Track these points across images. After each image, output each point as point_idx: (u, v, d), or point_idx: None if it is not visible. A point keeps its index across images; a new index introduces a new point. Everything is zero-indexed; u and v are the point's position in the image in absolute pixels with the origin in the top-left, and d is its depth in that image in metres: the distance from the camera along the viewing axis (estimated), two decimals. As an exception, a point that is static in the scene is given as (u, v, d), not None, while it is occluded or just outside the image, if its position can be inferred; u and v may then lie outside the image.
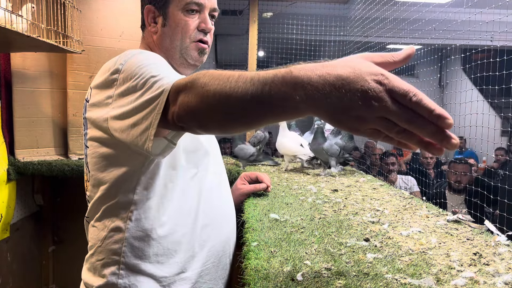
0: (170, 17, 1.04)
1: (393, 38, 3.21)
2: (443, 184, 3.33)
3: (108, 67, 0.93)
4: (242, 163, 2.10)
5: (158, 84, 0.76)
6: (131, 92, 0.82)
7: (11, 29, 1.32)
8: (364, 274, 0.77)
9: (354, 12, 3.32)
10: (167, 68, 0.86)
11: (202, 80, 0.65)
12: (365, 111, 0.51)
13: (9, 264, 2.02)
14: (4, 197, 1.92)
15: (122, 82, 0.86)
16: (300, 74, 0.53)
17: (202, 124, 0.68)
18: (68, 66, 2.19)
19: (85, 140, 0.99)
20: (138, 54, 0.91)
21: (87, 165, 1.00)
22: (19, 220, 2.11)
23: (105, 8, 2.21)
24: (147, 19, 1.07)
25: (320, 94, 0.52)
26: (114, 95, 0.87)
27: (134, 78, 0.82)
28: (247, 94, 0.58)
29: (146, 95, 0.77)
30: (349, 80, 0.51)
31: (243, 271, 0.81)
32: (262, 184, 1.39)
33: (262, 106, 0.58)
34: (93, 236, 0.98)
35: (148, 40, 1.09)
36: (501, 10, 1.70)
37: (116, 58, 0.93)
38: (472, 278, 0.76)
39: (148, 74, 0.80)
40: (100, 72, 0.96)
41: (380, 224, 1.10)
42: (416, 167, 4.08)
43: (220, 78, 0.62)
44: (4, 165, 1.94)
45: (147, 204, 0.95)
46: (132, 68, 0.85)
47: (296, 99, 0.53)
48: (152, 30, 1.07)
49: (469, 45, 2.03)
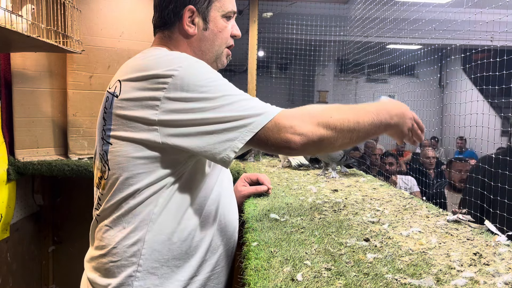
0: (212, 21, 1.03)
1: (393, 38, 3.21)
2: (443, 184, 3.33)
3: (146, 66, 0.90)
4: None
5: (248, 104, 0.87)
6: (200, 101, 0.85)
7: (11, 29, 1.32)
8: (364, 274, 0.77)
9: (354, 12, 3.32)
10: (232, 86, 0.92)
11: (336, 117, 0.90)
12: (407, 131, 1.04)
13: (9, 264, 2.02)
14: (4, 197, 1.92)
15: (179, 88, 0.86)
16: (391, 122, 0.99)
17: (326, 150, 0.94)
18: (68, 66, 2.20)
19: (106, 136, 0.94)
20: (196, 64, 0.90)
21: (105, 162, 0.95)
22: (19, 220, 2.11)
23: (105, 8, 2.21)
24: (186, 20, 1.01)
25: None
26: (162, 98, 0.86)
27: (206, 90, 0.86)
28: (368, 133, 0.94)
29: (230, 109, 0.85)
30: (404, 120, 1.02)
31: (243, 271, 0.81)
32: (263, 187, 1.40)
33: (368, 136, 0.96)
34: (107, 236, 0.95)
35: (178, 40, 1.03)
36: (501, 10, 1.70)
37: (158, 59, 0.91)
38: (472, 278, 0.76)
39: (227, 90, 0.88)
40: (130, 68, 0.93)
41: (380, 224, 1.10)
42: (416, 167, 4.08)
43: (349, 118, 0.91)
44: (4, 165, 1.94)
45: (171, 207, 0.94)
46: (197, 78, 0.87)
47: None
48: (190, 31, 1.02)
49: (469, 45, 2.03)
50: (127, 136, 0.90)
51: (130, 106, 0.89)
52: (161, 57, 0.93)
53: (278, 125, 0.86)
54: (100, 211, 0.97)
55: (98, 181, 1.00)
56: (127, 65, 0.98)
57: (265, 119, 0.86)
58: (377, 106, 0.98)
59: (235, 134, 0.85)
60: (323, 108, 0.92)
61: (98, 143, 0.98)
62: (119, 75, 0.96)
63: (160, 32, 1.05)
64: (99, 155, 0.98)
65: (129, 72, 0.93)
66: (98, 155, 0.99)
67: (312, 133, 0.87)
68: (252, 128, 0.85)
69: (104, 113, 0.95)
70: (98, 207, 0.99)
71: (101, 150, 0.96)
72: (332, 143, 0.90)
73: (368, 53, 3.33)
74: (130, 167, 0.91)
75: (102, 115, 0.96)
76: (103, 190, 0.97)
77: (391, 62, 3.19)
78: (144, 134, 0.88)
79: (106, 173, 0.95)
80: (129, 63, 0.98)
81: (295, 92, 9.61)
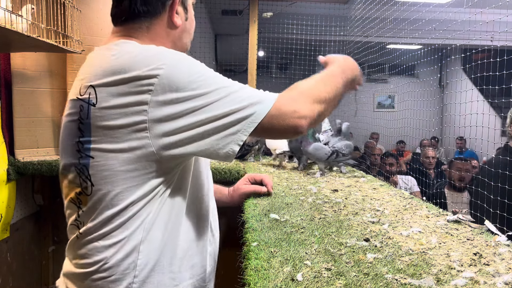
0: (189, 11, 0.98)
1: (393, 38, 3.22)
2: (443, 184, 3.33)
3: (122, 67, 0.81)
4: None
5: (244, 93, 0.84)
6: (193, 100, 0.80)
7: (11, 29, 1.32)
8: (364, 274, 0.77)
9: (354, 12, 3.32)
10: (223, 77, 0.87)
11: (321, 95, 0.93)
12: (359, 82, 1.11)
13: (9, 264, 2.02)
14: (4, 197, 1.92)
15: (167, 89, 0.79)
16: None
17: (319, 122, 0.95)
18: (68, 66, 2.19)
19: (83, 148, 0.84)
20: (179, 58, 0.83)
21: (86, 178, 0.85)
22: (19, 220, 2.11)
23: (105, 8, 2.21)
24: (174, 11, 0.93)
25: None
26: (150, 102, 0.79)
27: (197, 86, 0.81)
28: (343, 92, 1.02)
29: (227, 102, 0.82)
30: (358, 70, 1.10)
31: (243, 271, 0.81)
32: (264, 188, 1.39)
33: (343, 96, 1.03)
34: (94, 252, 0.86)
35: (158, 32, 0.94)
36: (501, 10, 1.70)
37: (134, 58, 0.82)
38: (472, 278, 0.76)
39: (218, 83, 0.83)
40: (101, 70, 0.83)
41: (380, 224, 1.10)
42: (416, 167, 4.08)
43: (327, 88, 0.95)
44: (4, 165, 1.94)
45: (164, 212, 0.89)
46: (185, 75, 0.81)
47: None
48: (178, 23, 0.95)
49: (469, 45, 2.03)
50: (112, 148, 0.82)
51: (112, 115, 0.80)
52: (137, 54, 0.82)
53: (280, 111, 0.85)
54: (85, 229, 0.87)
55: (75, 197, 0.89)
56: (94, 66, 0.87)
57: (266, 107, 0.84)
58: (339, 66, 1.04)
59: (237, 127, 0.83)
60: (310, 84, 0.95)
61: (71, 156, 0.87)
62: (89, 78, 0.85)
63: (131, 23, 0.92)
64: (75, 169, 0.87)
65: (101, 75, 0.83)
66: (73, 168, 0.87)
67: (312, 112, 0.89)
68: (254, 118, 0.83)
69: (79, 123, 0.85)
70: (78, 225, 0.89)
71: (77, 164, 0.86)
72: (325, 114, 0.95)
73: (368, 53, 3.33)
74: (119, 181, 0.83)
75: (76, 126, 0.85)
76: (85, 206, 0.87)
77: (391, 62, 3.20)
78: (132, 143, 0.81)
79: (88, 189, 0.85)
80: (97, 63, 0.87)
81: (295, 92, 9.61)
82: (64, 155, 0.90)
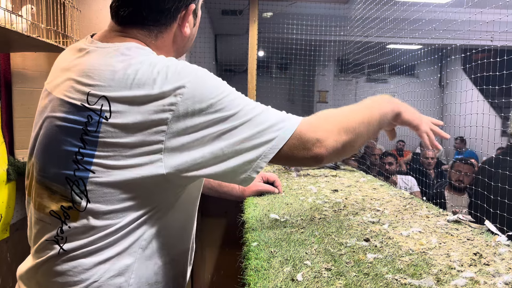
0: (198, 16, 0.93)
1: (393, 38, 3.21)
2: (444, 184, 3.33)
3: (143, 79, 0.74)
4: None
5: (266, 115, 0.80)
6: (215, 125, 0.76)
7: (11, 29, 1.32)
8: (364, 274, 0.77)
9: (354, 12, 3.32)
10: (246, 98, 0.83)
11: (356, 129, 0.88)
12: None
13: (9, 264, 2.02)
14: (4, 197, 1.92)
15: (190, 112, 0.74)
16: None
17: (347, 154, 0.91)
18: (68, 66, 2.19)
19: (83, 161, 0.76)
20: (203, 74, 0.78)
21: (82, 192, 0.77)
22: (19, 220, 2.11)
23: (105, 8, 2.21)
24: (186, 21, 0.88)
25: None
26: (171, 121, 0.74)
27: (221, 108, 0.76)
28: (377, 127, 0.95)
29: (250, 126, 0.78)
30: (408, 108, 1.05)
31: (243, 271, 0.81)
32: (276, 189, 1.46)
33: (379, 129, 0.99)
34: (81, 270, 0.79)
35: (166, 40, 0.88)
36: (501, 10, 1.70)
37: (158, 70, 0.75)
38: (472, 278, 0.76)
39: (241, 104, 0.79)
40: (116, 79, 0.75)
41: (380, 224, 1.10)
42: (416, 167, 4.08)
43: (364, 125, 0.91)
44: (4, 165, 1.94)
45: (162, 229, 0.84)
46: (208, 95, 0.76)
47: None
48: (187, 32, 0.90)
49: (469, 45, 2.03)
50: (119, 165, 0.75)
51: (126, 132, 0.74)
52: (159, 69, 0.75)
53: (302, 139, 0.81)
54: (72, 245, 0.79)
55: (59, 210, 0.79)
56: (102, 69, 0.77)
57: (288, 132, 0.80)
58: (376, 101, 0.99)
59: (258, 152, 0.78)
60: (339, 112, 0.90)
61: (62, 165, 0.78)
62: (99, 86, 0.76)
63: (140, 28, 0.84)
64: (66, 180, 0.78)
65: (117, 86, 0.75)
66: (62, 179, 0.78)
67: (336, 142, 0.84)
68: (276, 144, 0.79)
69: (83, 134, 0.76)
70: (59, 240, 0.80)
71: (71, 176, 0.77)
72: (353, 146, 0.88)
73: (368, 53, 3.33)
74: (121, 200, 0.77)
75: (78, 135, 0.76)
76: (74, 222, 0.78)
77: (391, 62, 3.20)
78: (142, 161, 0.75)
79: (81, 205, 0.77)
80: (104, 67, 0.77)
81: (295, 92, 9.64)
82: (49, 161, 0.81)
